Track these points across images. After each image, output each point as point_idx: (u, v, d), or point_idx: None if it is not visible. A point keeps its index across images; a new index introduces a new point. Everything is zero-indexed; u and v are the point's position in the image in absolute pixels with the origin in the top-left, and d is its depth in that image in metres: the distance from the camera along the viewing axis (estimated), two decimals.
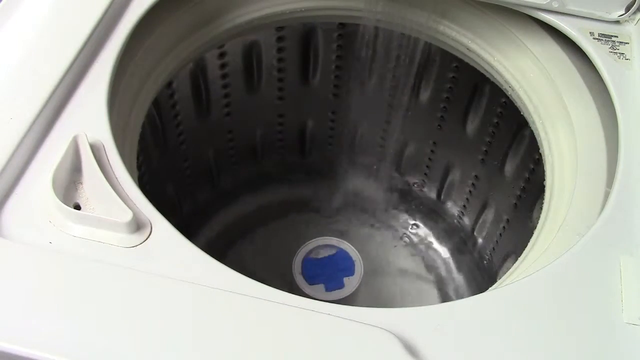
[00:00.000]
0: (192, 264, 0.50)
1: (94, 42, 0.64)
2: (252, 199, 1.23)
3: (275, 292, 0.48)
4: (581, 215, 0.60)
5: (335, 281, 1.08)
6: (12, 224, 0.51)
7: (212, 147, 1.10)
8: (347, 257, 1.12)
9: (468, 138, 1.03)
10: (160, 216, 0.52)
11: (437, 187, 1.19)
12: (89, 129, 0.57)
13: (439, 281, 1.18)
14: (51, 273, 0.48)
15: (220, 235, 1.19)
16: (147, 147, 0.89)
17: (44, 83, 0.58)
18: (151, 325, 0.45)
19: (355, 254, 1.12)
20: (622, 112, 0.63)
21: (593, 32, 0.71)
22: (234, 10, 0.83)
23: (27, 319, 0.45)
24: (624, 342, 0.48)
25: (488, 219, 1.09)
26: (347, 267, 1.10)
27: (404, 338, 0.46)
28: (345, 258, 1.12)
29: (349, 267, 1.10)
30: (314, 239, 1.13)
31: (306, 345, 0.45)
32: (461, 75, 0.95)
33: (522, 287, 0.51)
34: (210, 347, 0.45)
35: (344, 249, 1.12)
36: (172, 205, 1.09)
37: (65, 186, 0.54)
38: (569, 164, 0.67)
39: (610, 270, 0.52)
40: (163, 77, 0.77)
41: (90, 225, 0.51)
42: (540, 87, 0.75)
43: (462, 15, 0.82)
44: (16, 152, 0.53)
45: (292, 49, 1.00)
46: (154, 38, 0.74)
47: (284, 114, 1.13)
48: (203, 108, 1.00)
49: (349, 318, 0.46)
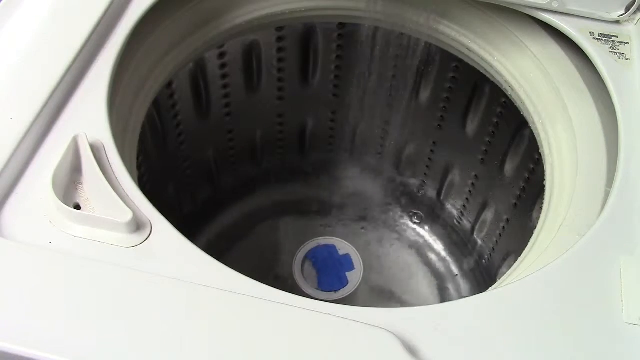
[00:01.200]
0: (192, 264, 0.50)
1: (94, 42, 0.64)
2: (252, 199, 1.23)
3: (275, 292, 0.48)
4: (581, 215, 0.60)
5: (335, 281, 1.08)
6: (12, 224, 0.51)
7: (212, 147, 1.10)
8: (347, 257, 1.12)
9: (468, 138, 1.03)
10: (160, 216, 0.52)
11: (437, 187, 1.19)
12: (89, 129, 0.57)
13: (439, 281, 1.18)
14: (51, 273, 0.48)
15: (220, 235, 1.19)
16: (147, 147, 0.89)
17: (44, 83, 0.58)
18: (151, 325, 0.45)
19: (355, 253, 1.12)
20: (622, 112, 0.63)
21: (593, 32, 0.71)
22: (234, 10, 0.83)
23: (27, 319, 0.45)
24: (624, 342, 0.48)
25: (488, 219, 1.09)
26: (347, 267, 1.11)
27: (404, 338, 0.46)
28: (345, 258, 1.12)
29: (348, 267, 1.10)
30: (314, 239, 1.13)
31: (306, 345, 0.45)
32: (461, 75, 0.95)
33: (522, 287, 0.51)
34: (211, 347, 0.45)
35: (343, 248, 1.12)
36: (172, 205, 1.09)
37: (65, 186, 0.54)
38: (569, 164, 0.67)
39: (610, 270, 0.52)
40: (163, 77, 0.77)
41: (90, 225, 0.51)
42: (540, 87, 0.75)
43: (462, 15, 0.82)
44: (16, 152, 0.53)
45: (292, 49, 1.00)
46: (154, 38, 0.74)
47: (284, 114, 1.13)
48: (203, 108, 1.00)
49: (349, 318, 0.46)
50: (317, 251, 1.12)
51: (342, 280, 1.08)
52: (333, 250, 1.13)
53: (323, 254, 1.12)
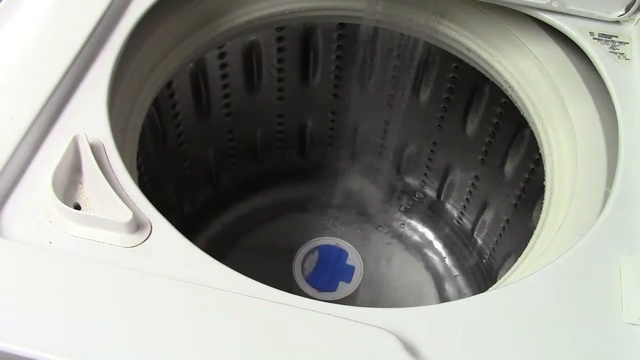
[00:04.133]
0: (192, 264, 0.50)
1: (94, 42, 0.64)
2: (252, 199, 1.23)
3: (275, 292, 0.48)
4: (581, 215, 0.60)
5: (335, 281, 1.08)
6: (12, 224, 0.51)
7: (212, 147, 1.10)
8: (346, 257, 1.12)
9: (468, 138, 1.03)
10: (160, 216, 0.52)
11: (437, 187, 1.19)
12: (89, 129, 0.57)
13: (439, 281, 1.18)
14: (51, 273, 0.48)
15: (220, 235, 1.19)
16: (147, 147, 0.89)
17: (44, 83, 0.58)
18: (151, 325, 0.45)
19: (354, 253, 1.12)
20: (622, 112, 0.63)
21: (593, 32, 0.71)
22: (234, 10, 0.83)
23: (27, 319, 0.45)
24: (624, 342, 0.48)
25: (488, 219, 1.09)
26: (347, 266, 1.10)
27: (404, 338, 0.46)
28: (344, 258, 1.12)
29: (348, 267, 1.10)
30: (314, 239, 1.13)
31: (306, 345, 0.45)
32: (461, 75, 0.95)
33: (522, 287, 0.51)
34: (210, 347, 0.45)
35: (343, 248, 1.12)
36: (172, 205, 1.09)
37: (65, 186, 0.54)
38: (569, 164, 0.67)
39: (610, 270, 0.52)
40: (163, 77, 0.77)
41: (90, 225, 0.51)
42: (540, 87, 0.75)
43: (462, 15, 0.82)
44: (16, 152, 0.53)
45: (292, 49, 1.00)
46: (154, 38, 0.74)
47: (284, 114, 1.13)
48: (203, 108, 1.00)
49: (349, 318, 0.46)
50: (317, 251, 1.12)
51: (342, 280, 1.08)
52: (333, 250, 1.12)
53: (323, 254, 1.12)
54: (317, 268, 1.10)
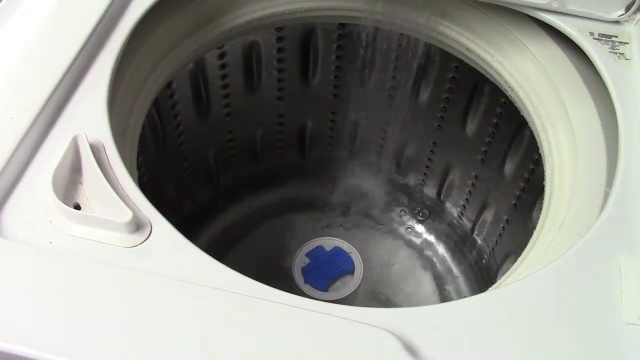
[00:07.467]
0: (192, 264, 0.50)
1: (94, 42, 0.64)
2: (252, 198, 1.23)
3: (275, 292, 0.48)
4: (581, 215, 0.60)
5: (335, 281, 1.08)
6: (12, 224, 0.51)
7: (212, 147, 1.10)
8: (346, 257, 1.12)
9: (468, 138, 1.03)
10: (160, 216, 0.52)
11: (436, 187, 1.19)
12: (89, 129, 0.57)
13: (439, 281, 1.18)
14: (51, 273, 0.48)
15: (221, 235, 1.19)
16: (147, 147, 0.89)
17: (44, 83, 0.58)
18: (151, 325, 0.45)
19: (354, 253, 1.12)
20: (622, 112, 0.63)
21: (593, 32, 0.71)
22: (234, 10, 0.83)
23: (27, 319, 0.45)
24: (624, 342, 0.48)
25: (488, 219, 1.09)
26: (347, 266, 1.11)
27: (404, 338, 0.46)
28: (345, 258, 1.12)
29: (348, 267, 1.10)
30: (314, 239, 1.13)
31: (306, 345, 0.45)
32: (461, 76, 0.95)
33: (522, 287, 0.51)
34: (210, 347, 0.45)
35: (343, 248, 1.12)
36: (172, 205, 1.09)
37: (65, 186, 0.54)
38: (569, 164, 0.67)
39: (610, 270, 0.52)
40: (163, 77, 0.77)
41: (90, 225, 0.51)
42: (540, 87, 0.75)
43: (462, 15, 0.82)
44: (16, 152, 0.53)
45: (292, 49, 1.00)
46: (154, 38, 0.74)
47: (284, 114, 1.13)
48: (203, 108, 1.00)
49: (348, 318, 0.47)
50: (317, 251, 1.12)
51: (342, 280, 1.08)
52: (333, 250, 1.13)
53: (323, 254, 1.12)
54: (317, 268, 1.10)
